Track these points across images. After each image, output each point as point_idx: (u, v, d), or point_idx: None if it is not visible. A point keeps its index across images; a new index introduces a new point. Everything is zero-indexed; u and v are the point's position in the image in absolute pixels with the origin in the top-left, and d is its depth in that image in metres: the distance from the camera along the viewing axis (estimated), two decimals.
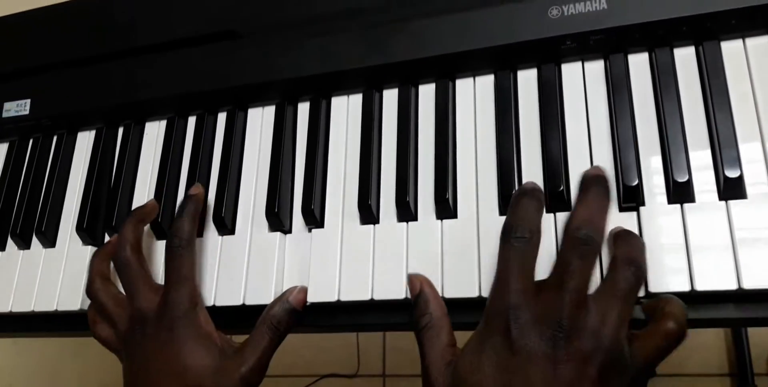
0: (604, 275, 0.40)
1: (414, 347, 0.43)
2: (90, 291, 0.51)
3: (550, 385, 0.35)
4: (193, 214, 0.49)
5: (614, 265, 0.38)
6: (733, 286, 0.39)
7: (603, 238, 0.38)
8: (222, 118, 0.57)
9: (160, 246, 0.54)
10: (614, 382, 0.36)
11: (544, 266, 0.40)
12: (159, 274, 0.53)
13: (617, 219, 0.42)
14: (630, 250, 0.38)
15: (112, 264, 0.52)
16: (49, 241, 0.58)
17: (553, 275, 0.38)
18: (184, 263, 0.47)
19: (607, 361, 0.35)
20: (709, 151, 0.43)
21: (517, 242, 0.38)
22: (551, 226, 0.44)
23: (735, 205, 0.41)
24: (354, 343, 1.54)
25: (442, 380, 0.39)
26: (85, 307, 0.54)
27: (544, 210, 0.41)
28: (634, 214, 0.42)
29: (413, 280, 0.44)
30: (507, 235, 0.38)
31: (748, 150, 0.42)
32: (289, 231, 0.51)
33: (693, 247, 0.40)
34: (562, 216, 0.44)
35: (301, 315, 0.47)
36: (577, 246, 0.37)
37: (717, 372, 1.38)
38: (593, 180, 0.39)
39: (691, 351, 1.39)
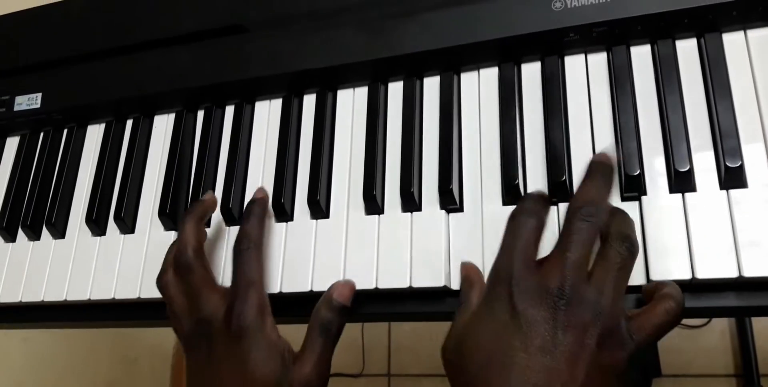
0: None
1: (419, 347, 0.44)
2: (160, 282, 0.49)
3: (549, 350, 0.35)
4: (260, 216, 0.48)
5: (607, 240, 0.38)
6: (734, 274, 0.39)
7: (606, 216, 0.39)
8: (230, 111, 0.58)
9: (168, 236, 0.55)
10: (611, 354, 0.36)
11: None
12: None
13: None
14: (622, 226, 0.39)
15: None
16: (59, 232, 0.59)
17: (555, 248, 0.38)
18: (252, 267, 0.46)
19: (606, 331, 0.36)
20: (710, 141, 0.43)
21: (524, 217, 0.39)
22: (554, 216, 0.44)
23: (736, 194, 0.41)
24: (359, 343, 1.55)
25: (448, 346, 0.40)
26: (94, 297, 0.54)
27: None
28: (636, 203, 0.43)
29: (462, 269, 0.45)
30: (515, 212, 0.40)
31: (749, 140, 0.42)
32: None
33: (694, 236, 0.41)
34: (564, 207, 0.44)
35: (351, 309, 0.46)
36: (580, 219, 0.37)
37: (723, 373, 1.38)
38: (599, 165, 0.40)
39: (698, 352, 1.38)
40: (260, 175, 0.54)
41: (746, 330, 1.33)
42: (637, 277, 0.41)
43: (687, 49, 0.46)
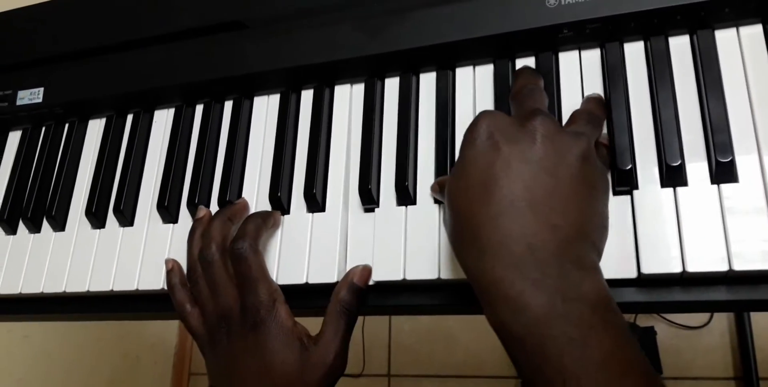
0: None
1: (419, 347, 0.44)
2: (191, 275, 0.50)
3: (530, 161, 0.38)
4: (260, 225, 0.49)
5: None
6: (724, 268, 0.40)
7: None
8: (228, 106, 0.59)
9: (167, 229, 0.55)
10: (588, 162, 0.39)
11: None
12: None
13: (611, 202, 0.43)
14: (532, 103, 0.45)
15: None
16: (59, 224, 0.59)
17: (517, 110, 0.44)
18: (254, 264, 0.47)
19: (582, 145, 0.39)
20: (702, 137, 0.44)
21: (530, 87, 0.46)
22: None
23: (727, 188, 0.41)
24: (359, 342, 1.55)
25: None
26: (93, 289, 0.55)
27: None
28: (628, 197, 0.43)
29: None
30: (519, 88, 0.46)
31: (741, 135, 0.43)
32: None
33: (685, 230, 0.41)
34: None
35: (366, 293, 0.47)
36: (527, 83, 0.45)
37: (722, 375, 1.38)
38: (523, 69, 0.49)
39: (696, 354, 1.39)
40: (258, 169, 0.55)
41: (746, 332, 1.33)
42: (628, 271, 0.42)
43: (680, 46, 0.47)
